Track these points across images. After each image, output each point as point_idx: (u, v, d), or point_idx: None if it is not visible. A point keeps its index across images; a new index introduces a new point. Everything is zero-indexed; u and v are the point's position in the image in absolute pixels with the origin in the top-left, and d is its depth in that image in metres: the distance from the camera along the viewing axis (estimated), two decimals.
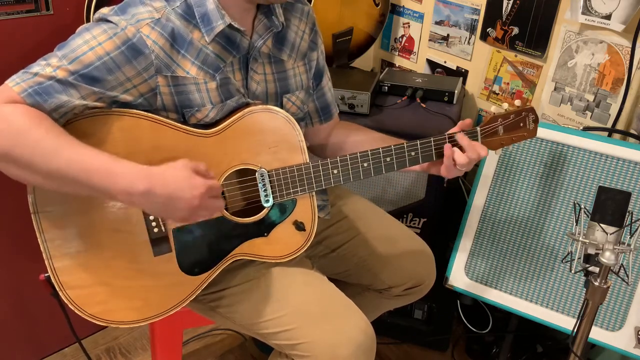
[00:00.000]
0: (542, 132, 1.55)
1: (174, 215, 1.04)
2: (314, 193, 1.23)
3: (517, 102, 1.28)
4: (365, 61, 2.33)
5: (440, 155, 1.22)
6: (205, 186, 1.02)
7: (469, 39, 1.98)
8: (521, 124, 1.27)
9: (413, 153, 1.21)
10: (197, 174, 1.02)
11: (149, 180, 0.98)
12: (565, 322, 1.56)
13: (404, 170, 1.25)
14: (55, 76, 1.00)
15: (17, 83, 0.99)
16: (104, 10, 1.07)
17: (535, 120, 1.29)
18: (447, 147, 1.20)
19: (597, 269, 1.20)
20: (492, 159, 1.65)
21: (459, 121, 1.26)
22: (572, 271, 1.31)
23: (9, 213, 1.66)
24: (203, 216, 1.07)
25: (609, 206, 1.20)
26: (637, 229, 1.38)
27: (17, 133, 0.95)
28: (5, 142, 0.95)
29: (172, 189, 0.99)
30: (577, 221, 1.29)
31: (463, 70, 2.04)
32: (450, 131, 1.23)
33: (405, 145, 1.21)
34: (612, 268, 1.19)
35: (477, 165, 1.68)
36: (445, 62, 2.09)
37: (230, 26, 1.12)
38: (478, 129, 1.23)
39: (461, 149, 1.20)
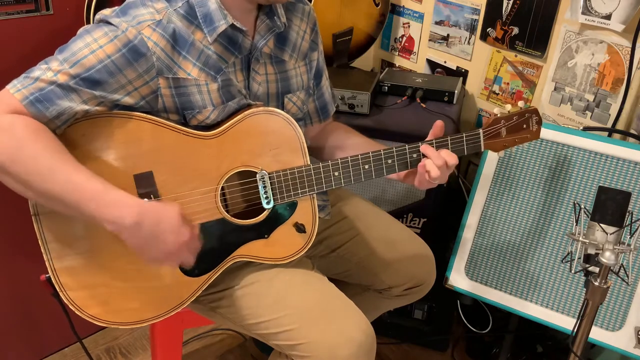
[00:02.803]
0: (542, 132, 1.53)
1: (148, 254, 1.03)
2: (314, 195, 1.23)
3: (521, 103, 1.27)
4: (365, 61, 2.33)
5: (413, 164, 1.21)
6: (189, 237, 1.02)
7: (469, 39, 1.98)
8: (524, 126, 1.26)
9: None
10: (187, 225, 1.03)
11: (141, 213, 0.98)
12: (565, 322, 1.56)
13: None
14: (56, 81, 1.00)
15: (18, 89, 0.98)
16: (105, 12, 1.06)
17: (539, 122, 1.28)
18: (423, 161, 1.18)
19: (597, 269, 1.20)
20: (492, 159, 1.65)
21: (460, 121, 1.26)
22: (572, 271, 1.31)
23: (10, 213, 1.66)
24: (170, 264, 1.08)
25: (609, 206, 1.20)
26: (637, 229, 1.38)
27: (14, 147, 0.95)
28: (2, 155, 0.95)
29: (160, 228, 1.00)
30: (577, 221, 1.29)
31: (463, 70, 2.04)
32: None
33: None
34: (612, 268, 1.19)
35: (477, 165, 1.68)
36: (445, 62, 2.09)
37: (232, 26, 1.12)
38: (481, 131, 1.23)
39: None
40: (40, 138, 0.97)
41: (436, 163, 1.16)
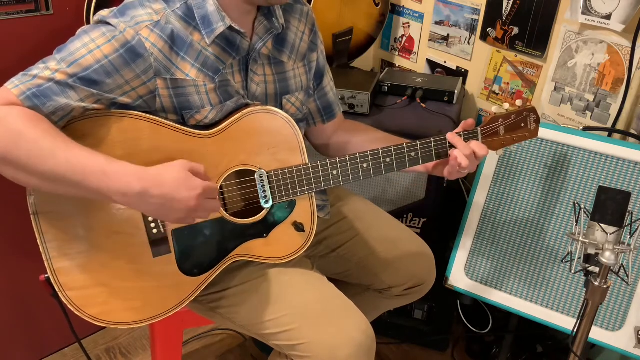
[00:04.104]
0: (542, 132, 1.54)
1: (170, 216, 1.04)
2: (313, 194, 1.23)
3: (519, 102, 1.28)
4: (365, 61, 2.33)
5: (439, 155, 1.22)
6: (202, 187, 1.02)
7: (469, 39, 1.98)
8: (522, 124, 1.27)
9: (413, 154, 1.21)
10: (194, 174, 1.02)
11: (145, 180, 0.98)
12: (565, 322, 1.56)
13: (406, 170, 1.25)
14: (53, 78, 1.00)
15: (15, 86, 0.99)
16: (104, 13, 1.07)
17: (537, 121, 1.28)
18: (452, 152, 1.21)
19: (597, 269, 1.20)
20: (492, 159, 1.65)
21: (460, 121, 1.26)
22: (572, 271, 1.31)
23: (9, 213, 1.66)
24: (200, 217, 1.07)
25: (609, 206, 1.20)
26: (637, 229, 1.38)
27: (14, 134, 0.95)
28: (1, 144, 0.95)
29: (168, 190, 0.99)
30: (577, 221, 1.29)
31: (463, 70, 2.04)
32: (454, 132, 1.23)
33: (405, 145, 1.21)
34: (612, 268, 1.19)
35: (478, 165, 1.68)
36: (445, 62, 2.09)
37: (230, 28, 1.12)
38: (479, 129, 1.23)
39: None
40: (39, 123, 0.97)
41: (464, 153, 1.19)
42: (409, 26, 2.19)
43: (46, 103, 0.99)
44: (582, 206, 1.37)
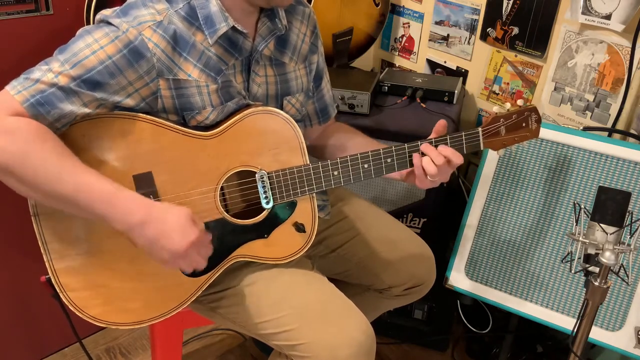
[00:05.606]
0: (542, 132, 1.53)
1: (156, 254, 1.03)
2: (314, 194, 1.23)
3: (520, 102, 1.27)
4: (365, 61, 2.33)
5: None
6: (196, 236, 1.02)
7: (469, 39, 1.98)
8: (523, 124, 1.26)
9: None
10: (195, 226, 1.03)
11: (149, 212, 0.99)
12: (565, 322, 1.56)
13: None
14: (57, 83, 0.99)
15: (18, 91, 0.98)
16: (106, 12, 1.06)
17: (538, 120, 1.28)
18: (415, 156, 1.18)
19: (597, 269, 1.20)
20: (492, 159, 1.65)
21: (460, 121, 1.26)
22: (572, 271, 1.32)
23: (10, 213, 1.66)
24: (181, 266, 1.07)
25: (609, 206, 1.20)
26: (637, 229, 1.38)
27: (21, 152, 0.94)
28: (7, 158, 0.94)
29: (166, 229, 1.00)
30: (577, 221, 1.29)
31: (463, 70, 2.04)
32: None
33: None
34: (612, 268, 1.19)
35: (477, 165, 1.69)
36: (445, 62, 2.09)
37: (233, 28, 1.12)
38: (480, 129, 1.23)
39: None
40: (47, 141, 0.97)
41: (435, 161, 1.16)
42: (409, 26, 2.19)
43: (50, 111, 0.99)
44: (582, 206, 1.37)
